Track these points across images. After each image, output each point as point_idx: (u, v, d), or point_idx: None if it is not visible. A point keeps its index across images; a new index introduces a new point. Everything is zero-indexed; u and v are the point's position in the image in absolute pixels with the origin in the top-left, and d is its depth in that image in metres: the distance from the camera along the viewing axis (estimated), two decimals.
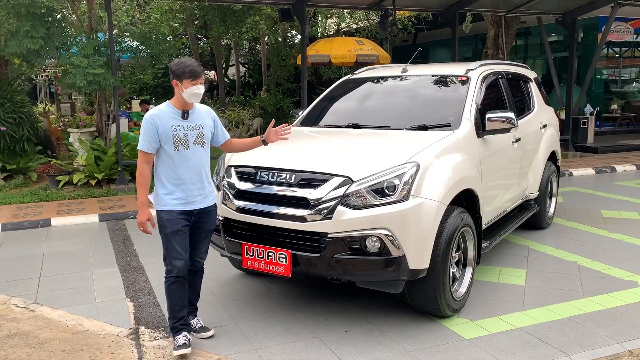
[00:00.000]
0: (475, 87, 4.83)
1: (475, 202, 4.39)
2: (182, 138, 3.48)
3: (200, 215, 3.61)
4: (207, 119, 3.65)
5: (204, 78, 3.55)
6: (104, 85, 8.36)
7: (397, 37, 18.41)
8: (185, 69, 3.40)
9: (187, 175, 3.52)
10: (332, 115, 5.28)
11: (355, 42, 14.28)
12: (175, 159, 3.49)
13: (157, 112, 3.50)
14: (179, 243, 3.53)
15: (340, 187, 3.63)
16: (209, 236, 3.77)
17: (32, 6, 8.24)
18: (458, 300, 4.09)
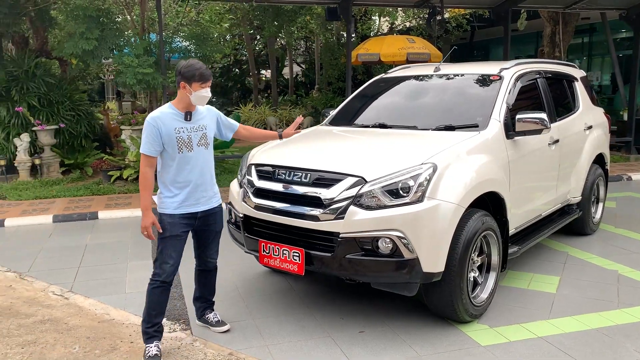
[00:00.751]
0: (508, 87, 4.67)
1: (502, 206, 4.27)
2: (185, 140, 3.45)
3: (205, 218, 3.62)
4: (209, 119, 3.63)
5: (211, 82, 3.53)
6: (153, 84, 8.67)
7: (453, 35, 18.03)
8: (196, 71, 3.38)
9: (192, 178, 3.50)
10: (360, 114, 5.25)
11: (407, 40, 14.11)
12: (179, 161, 3.45)
13: (159, 115, 3.44)
14: (175, 248, 3.51)
15: (353, 187, 3.61)
16: (218, 237, 3.79)
17: (88, 9, 8.68)
18: (478, 306, 3.98)
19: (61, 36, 9.14)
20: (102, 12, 8.95)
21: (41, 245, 6.06)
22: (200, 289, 3.96)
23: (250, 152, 4.51)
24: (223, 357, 3.54)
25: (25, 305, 4.44)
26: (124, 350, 3.66)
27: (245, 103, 18.57)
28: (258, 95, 20.47)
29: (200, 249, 3.76)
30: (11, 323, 4.09)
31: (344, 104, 5.58)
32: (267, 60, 24.16)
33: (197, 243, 3.78)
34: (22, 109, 9.49)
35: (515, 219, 4.55)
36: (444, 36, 18.62)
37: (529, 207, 4.83)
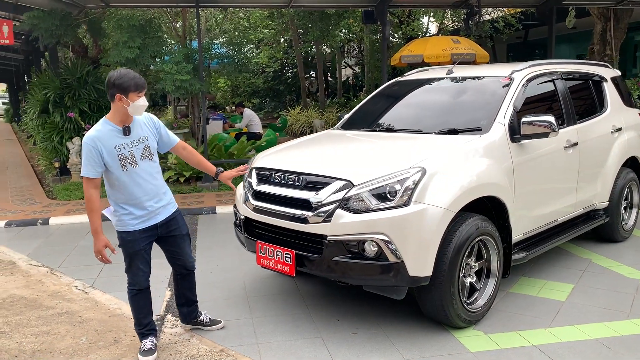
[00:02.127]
0: (517, 90, 4.58)
1: (504, 211, 4.20)
2: (128, 156, 3.33)
3: (166, 225, 3.58)
4: (147, 128, 3.50)
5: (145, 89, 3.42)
6: (191, 90, 9.02)
7: (505, 35, 17.57)
8: (130, 81, 3.24)
9: (142, 193, 3.40)
10: (370, 118, 5.29)
11: (451, 40, 13.86)
12: (125, 179, 3.34)
13: (96, 134, 3.28)
14: (142, 260, 3.53)
15: (340, 190, 3.67)
16: (187, 239, 3.76)
17: (132, 19, 9.14)
18: (473, 312, 3.94)
19: (109, 45, 9.66)
20: (146, 22, 9.39)
21: (76, 242, 6.46)
22: (184, 294, 3.91)
23: (255, 156, 4.65)
24: (214, 353, 3.69)
25: (48, 298, 4.78)
26: (125, 343, 3.89)
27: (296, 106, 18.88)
28: (307, 99, 20.71)
29: (175, 255, 3.72)
30: (32, 314, 4.42)
31: (357, 107, 5.63)
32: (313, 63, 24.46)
33: (168, 250, 3.72)
34: (73, 114, 10.10)
35: (522, 225, 4.46)
36: (496, 36, 18.18)
37: (540, 212, 4.71)
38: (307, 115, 17.20)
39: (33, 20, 9.07)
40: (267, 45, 22.79)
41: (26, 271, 5.53)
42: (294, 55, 22.16)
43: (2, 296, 4.84)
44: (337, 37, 16.36)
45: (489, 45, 17.31)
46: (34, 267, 5.66)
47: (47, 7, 9.53)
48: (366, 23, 10.92)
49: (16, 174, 12.19)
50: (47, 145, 10.37)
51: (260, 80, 24.68)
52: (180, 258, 3.76)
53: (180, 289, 3.92)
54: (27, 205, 8.58)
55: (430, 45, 13.84)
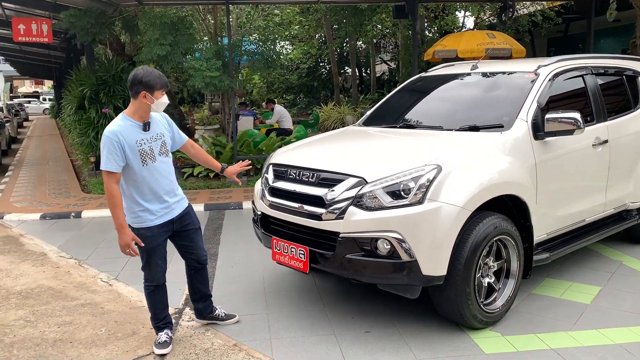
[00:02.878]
0: (541, 85, 4.44)
1: (526, 210, 4.09)
2: (148, 152, 3.39)
3: (181, 220, 3.64)
4: (162, 125, 3.57)
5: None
6: (220, 87, 9.11)
7: (544, 29, 17.07)
8: (157, 79, 3.31)
9: (159, 188, 3.47)
10: (391, 114, 5.23)
11: (486, 35, 13.55)
12: (145, 174, 3.40)
13: (118, 128, 3.31)
14: (159, 255, 3.58)
15: (353, 187, 3.64)
16: (199, 233, 3.82)
17: (164, 17, 9.29)
18: (490, 313, 3.85)
19: (142, 43, 9.86)
20: (178, 19, 9.53)
21: (105, 235, 6.62)
22: (198, 289, 3.94)
23: (273, 152, 4.66)
24: (227, 348, 3.72)
25: (74, 289, 4.92)
26: (142, 335, 3.96)
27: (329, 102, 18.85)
28: (340, 94, 20.65)
29: (188, 249, 3.76)
30: (58, 305, 4.56)
31: (380, 103, 5.57)
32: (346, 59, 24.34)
33: (182, 245, 3.76)
34: (108, 110, 10.34)
35: (546, 224, 4.33)
36: (534, 30, 17.69)
37: (566, 212, 4.56)
38: (339, 111, 17.15)
39: (70, 19, 9.32)
40: (302, 42, 22.83)
41: (56, 262, 5.71)
42: (328, 51, 22.13)
43: (32, 286, 5.01)
44: (370, 32, 16.22)
45: (526, 39, 16.85)
46: (63, 258, 5.84)
47: (84, 6, 9.78)
48: (397, 18, 10.81)
49: (55, 168, 12.60)
50: (83, 140, 10.65)
51: (294, 76, 24.75)
52: (194, 252, 3.80)
53: (194, 283, 3.94)
54: (63, 199, 8.86)
55: (464, 39, 13.58)
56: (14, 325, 4.16)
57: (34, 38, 10.35)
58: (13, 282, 5.14)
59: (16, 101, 38.98)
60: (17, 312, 4.41)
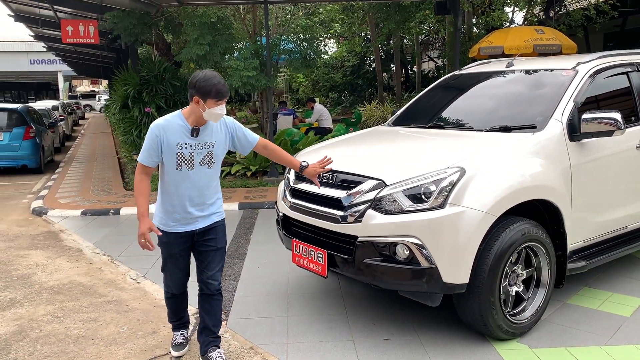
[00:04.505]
0: (579, 84, 4.19)
1: (559, 215, 3.86)
2: (187, 158, 3.17)
3: (204, 233, 3.33)
4: (221, 134, 3.30)
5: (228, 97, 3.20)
6: (257, 86, 9.13)
7: (598, 24, 16.32)
8: (212, 87, 3.05)
9: (187, 196, 3.23)
10: (421, 114, 5.07)
11: (534, 31, 13.03)
12: (177, 178, 3.20)
13: (165, 124, 3.15)
14: (177, 265, 3.38)
15: (372, 190, 3.53)
16: (219, 255, 3.41)
17: (204, 17, 9.39)
18: (517, 324, 3.66)
19: (182, 43, 10.02)
20: (217, 19, 9.61)
21: None
22: (203, 318, 3.47)
23: (297, 153, 4.60)
24: (244, 350, 3.68)
25: (103, 286, 5.01)
26: (162, 334, 3.98)
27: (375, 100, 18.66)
28: (384, 93, 20.42)
29: (201, 267, 3.41)
30: (85, 301, 4.65)
31: (411, 102, 5.42)
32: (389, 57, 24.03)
33: (198, 260, 3.44)
34: (150, 109, 10.56)
35: (582, 231, 4.09)
36: (588, 25, 16.94)
37: (605, 218, 4.29)
38: (382, 109, 16.94)
39: (113, 20, 9.56)
40: (346, 40, 22.71)
41: (90, 259, 5.84)
42: (372, 49, 21.92)
43: (64, 282, 5.13)
44: (414, 29, 15.93)
45: (580, 35, 16.14)
46: (97, 255, 5.97)
47: (128, 7, 10.02)
48: (439, 14, 10.56)
49: (102, 165, 12.99)
50: (127, 138, 10.93)
51: (339, 74, 24.66)
52: (204, 272, 3.40)
53: (200, 310, 3.50)
54: (104, 196, 9.09)
55: (511, 36, 13.11)
56: (41, 320, 4.26)
57: (81, 39, 10.69)
58: (47, 277, 5.28)
59: (73, 100, 40.62)
60: (47, 307, 4.52)
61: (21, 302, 4.63)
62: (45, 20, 13.82)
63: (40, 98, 48.74)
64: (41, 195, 9.35)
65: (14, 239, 6.74)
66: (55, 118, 18.18)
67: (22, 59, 42.73)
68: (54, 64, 39.97)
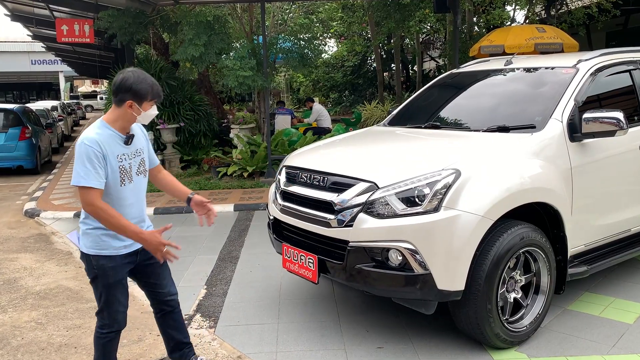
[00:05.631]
0: (580, 82, 4.04)
1: (559, 219, 3.72)
2: (127, 170, 2.80)
3: (145, 251, 2.90)
4: (143, 139, 2.99)
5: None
6: (253, 86, 9.00)
7: (600, 22, 16.15)
8: (149, 88, 2.74)
9: (133, 213, 2.86)
10: (417, 113, 4.93)
11: (536, 29, 12.87)
12: (120, 195, 2.79)
13: (99, 137, 2.70)
14: (122, 293, 2.92)
15: (364, 193, 3.39)
16: (166, 267, 3.11)
17: (200, 15, 9.26)
18: (515, 332, 3.51)
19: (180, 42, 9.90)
20: (214, 18, 9.48)
21: None
22: (171, 336, 3.22)
23: (289, 154, 4.46)
24: (231, 359, 3.55)
25: (90, 291, 4.80)
26: (148, 342, 3.85)
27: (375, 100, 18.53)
28: (384, 92, 20.27)
29: (154, 288, 3.07)
30: (71, 307, 4.52)
31: (407, 101, 5.28)
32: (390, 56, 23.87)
33: (146, 283, 3.07)
34: None
35: (583, 234, 3.94)
36: (590, 23, 16.78)
37: (607, 221, 4.14)
38: (382, 109, 16.80)
39: (108, 19, 9.43)
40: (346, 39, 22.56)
41: (79, 262, 5.70)
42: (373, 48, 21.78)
43: (51, 286, 5.01)
44: (414, 28, 15.77)
45: (582, 34, 15.97)
46: None
47: (123, 6, 9.89)
48: (438, 12, 10.42)
49: None
50: None
51: (339, 74, 24.51)
52: (161, 292, 3.09)
53: (165, 330, 3.22)
54: None
55: (512, 34, 12.96)
56: (24, 327, 4.13)
57: (76, 38, 10.57)
58: (34, 281, 5.15)
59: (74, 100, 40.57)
60: (31, 314, 4.39)
61: (5, 308, 4.50)
62: (41, 20, 13.71)
63: (42, 98, 48.77)
64: (35, 197, 9.24)
65: (4, 241, 6.62)
66: (53, 118, 18.08)
67: (23, 60, 42.68)
68: (55, 64, 39.90)
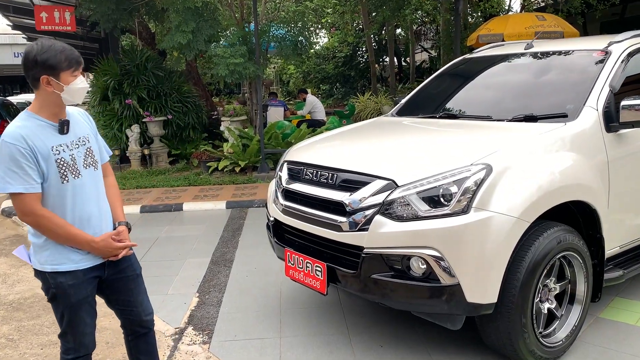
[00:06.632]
0: (614, 66, 3.63)
1: (595, 219, 3.32)
2: (69, 163, 2.34)
3: (115, 263, 2.50)
4: (86, 125, 2.51)
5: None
6: (245, 74, 8.51)
7: (598, 11, 15.82)
8: (60, 55, 2.24)
9: (88, 215, 2.40)
10: (430, 102, 4.50)
11: (535, 17, 12.54)
12: (66, 194, 2.34)
13: (21, 130, 2.24)
14: (88, 312, 2.47)
15: (381, 192, 2.95)
16: (140, 281, 2.65)
17: (188, 1, 8.73)
18: (551, 347, 3.11)
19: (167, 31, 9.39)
20: (203, 4, 8.96)
21: None
22: None
23: (290, 148, 4.02)
24: None
25: None
26: None
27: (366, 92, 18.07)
28: (378, 84, 19.83)
29: (126, 306, 2.61)
30: (47, 319, 4.05)
31: (417, 90, 4.84)
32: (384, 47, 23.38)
33: (117, 300, 2.60)
34: (131, 101, 9.92)
35: (618, 235, 3.55)
36: (588, 12, 16.45)
37: None
38: (376, 101, 16.34)
39: (89, 5, 8.89)
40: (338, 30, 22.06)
41: None
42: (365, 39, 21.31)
43: (26, 295, 4.54)
44: (409, 16, 15.33)
45: (579, 22, 15.64)
46: None
47: None
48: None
49: None
50: (108, 132, 10.29)
51: (330, 65, 24.01)
52: (133, 310, 2.63)
53: (136, 356, 2.77)
54: None
55: (511, 22, 12.61)
56: None
57: (56, 27, 10.02)
58: (8, 290, 4.68)
59: None
60: (2, 328, 3.92)
61: None
62: (19, 7, 13.06)
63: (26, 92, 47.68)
64: None
65: None
66: None
67: (5, 52, 41.53)
68: None
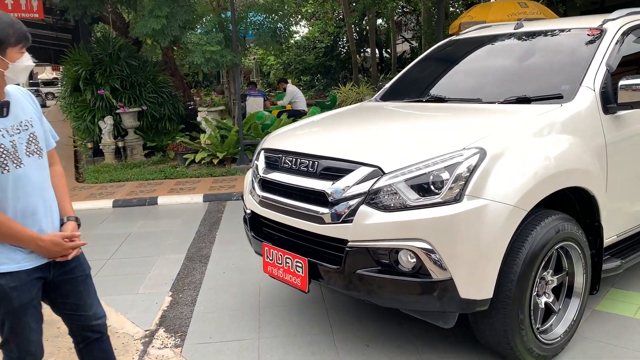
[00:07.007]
0: (610, 44, 3.43)
1: (593, 206, 3.12)
2: (9, 149, 2.08)
3: (62, 263, 2.26)
4: (31, 108, 2.25)
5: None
6: (222, 62, 8.20)
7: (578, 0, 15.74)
8: (8, 29, 2.00)
9: (32, 208, 2.16)
10: (416, 86, 4.27)
11: (518, 5, 12.40)
12: (7, 186, 2.08)
13: None
14: (34, 316, 2.20)
15: (366, 180, 2.71)
16: (89, 282, 2.40)
17: None
18: (549, 343, 2.91)
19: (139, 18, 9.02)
20: None
21: (88, 231, 5.80)
22: None
23: (267, 135, 3.75)
24: None
25: None
26: None
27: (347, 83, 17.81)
28: (359, 74, 19.59)
29: (74, 310, 2.34)
30: None
31: (401, 73, 4.60)
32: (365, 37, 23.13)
33: (64, 304, 2.33)
34: (104, 91, 9.53)
35: (617, 223, 3.36)
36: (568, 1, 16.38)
37: None
38: (358, 91, 16.11)
39: None
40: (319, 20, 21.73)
41: None
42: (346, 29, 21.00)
43: None
44: (390, 4, 15.07)
45: (560, 10, 15.57)
46: None
47: None
48: None
49: None
50: (80, 124, 9.90)
51: (311, 56, 23.68)
52: (82, 315, 2.36)
53: None
54: None
55: (493, 10, 12.48)
56: None
57: (23, 14, 9.55)
58: None
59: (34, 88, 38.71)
60: None
61: None
62: None
63: None
64: None
65: None
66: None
67: None
68: None
